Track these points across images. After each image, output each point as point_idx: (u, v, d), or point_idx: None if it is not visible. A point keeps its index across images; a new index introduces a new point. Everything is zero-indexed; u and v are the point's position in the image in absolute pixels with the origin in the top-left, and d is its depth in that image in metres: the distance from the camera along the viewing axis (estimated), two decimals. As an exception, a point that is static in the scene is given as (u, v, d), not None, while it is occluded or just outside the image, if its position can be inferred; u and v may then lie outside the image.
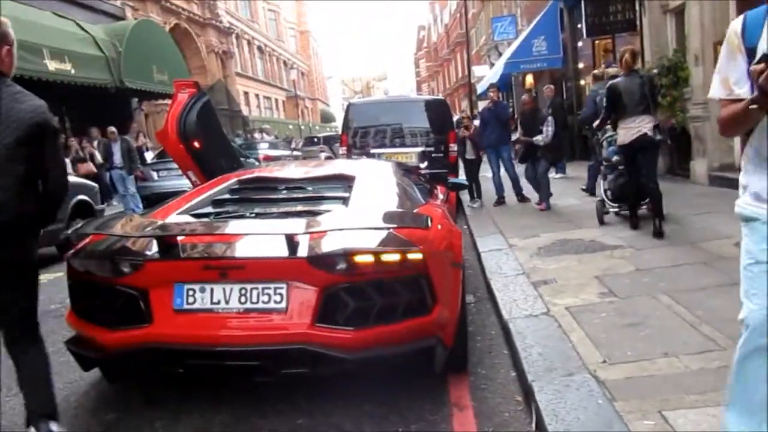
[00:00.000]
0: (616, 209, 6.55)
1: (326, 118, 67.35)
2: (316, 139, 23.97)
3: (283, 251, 2.65)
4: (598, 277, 4.54)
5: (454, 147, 9.63)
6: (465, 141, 9.64)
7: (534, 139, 8.30)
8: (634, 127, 5.74)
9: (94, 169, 12.23)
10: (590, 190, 8.62)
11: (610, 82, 6.24)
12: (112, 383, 3.16)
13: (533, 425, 2.71)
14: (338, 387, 3.17)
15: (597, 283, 4.39)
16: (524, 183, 8.91)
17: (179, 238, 2.82)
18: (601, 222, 6.53)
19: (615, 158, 6.52)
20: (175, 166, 13.15)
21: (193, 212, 3.47)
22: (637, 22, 10.42)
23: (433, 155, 9.26)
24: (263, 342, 2.68)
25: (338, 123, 72.34)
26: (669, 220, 6.18)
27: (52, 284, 6.35)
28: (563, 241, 5.96)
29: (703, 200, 7.26)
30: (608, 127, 6.57)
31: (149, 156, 14.57)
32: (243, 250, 2.78)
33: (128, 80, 14.38)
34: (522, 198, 9.00)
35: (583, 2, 11.26)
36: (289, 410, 3.00)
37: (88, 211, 8.08)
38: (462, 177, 9.17)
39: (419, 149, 9.44)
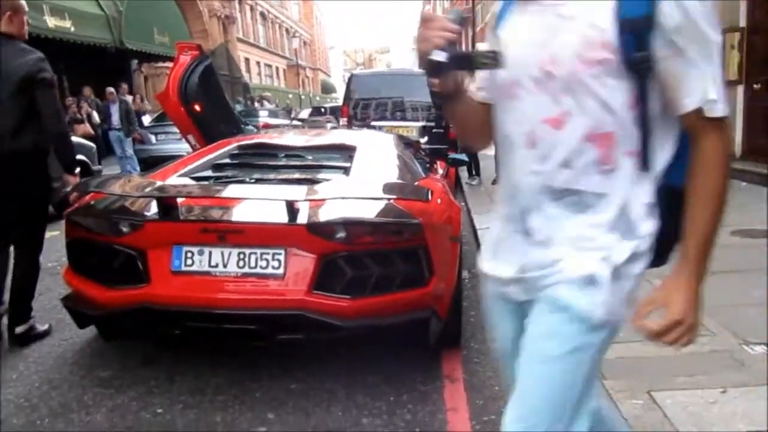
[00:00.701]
0: None
1: (327, 89, 66.89)
2: (323, 110, 23.84)
3: (282, 217, 2.65)
4: (593, 258, 4.55)
5: (455, 123, 9.58)
6: None
7: None
8: None
9: (92, 131, 12.13)
10: None
11: None
12: (108, 341, 3.19)
13: (523, 399, 2.75)
14: (332, 356, 3.21)
15: (592, 264, 4.40)
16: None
17: (179, 200, 2.82)
18: None
19: None
20: (174, 129, 13.06)
21: (192, 175, 3.46)
22: None
23: (433, 130, 9.22)
24: (260, 306, 2.70)
25: (339, 94, 71.99)
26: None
27: (49, 242, 6.33)
28: (560, 221, 5.96)
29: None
30: None
31: (146, 119, 14.44)
32: (242, 214, 2.78)
33: (128, 41, 14.21)
34: None
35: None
36: (282, 375, 3.04)
37: (86, 171, 8.03)
38: (462, 153, 9.13)
39: (420, 123, 9.40)
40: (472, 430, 2.56)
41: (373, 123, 9.25)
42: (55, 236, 6.68)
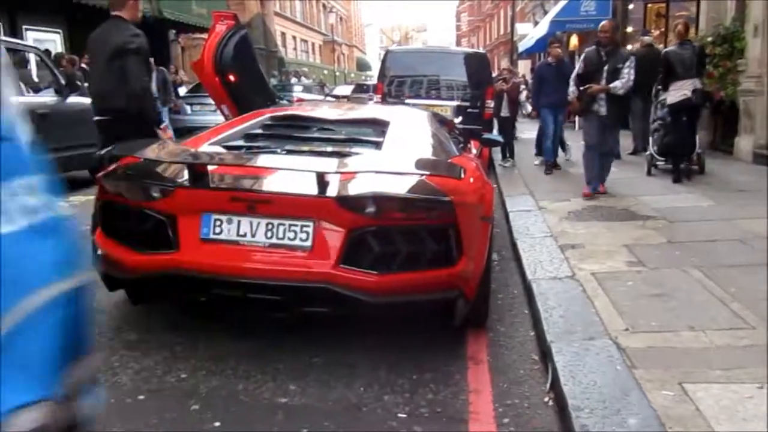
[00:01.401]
0: (662, 162, 7.45)
1: (362, 66, 66.41)
2: (365, 87, 23.67)
3: (312, 189, 2.62)
4: (627, 245, 4.45)
5: (490, 103, 9.41)
6: (502, 96, 9.32)
7: (612, 85, 5.93)
8: (681, 91, 6.72)
9: None
10: (639, 149, 8.85)
11: (664, 50, 7.12)
12: (135, 305, 3.21)
13: (548, 385, 2.70)
14: (354, 331, 3.19)
15: (626, 252, 4.30)
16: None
17: (210, 167, 2.80)
18: (649, 173, 7.48)
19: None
20: (209, 101, 13.15)
21: (224, 144, 3.45)
22: (696, -13, 9.91)
23: (468, 110, 9.07)
24: (287, 278, 2.68)
25: (374, 72, 71.38)
26: (707, 194, 6.08)
27: (85, 206, 6.46)
28: (594, 207, 5.83)
29: (745, 178, 7.02)
30: (660, 89, 7.48)
31: (182, 90, 14.52)
32: (272, 185, 2.75)
33: (167, 11, 14.25)
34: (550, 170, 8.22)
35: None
36: (304, 348, 3.03)
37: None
38: (496, 134, 8.95)
39: (455, 103, 9.25)
40: (494, 413, 2.52)
41: (408, 101, 9.14)
42: (90, 200, 6.81)
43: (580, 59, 6.55)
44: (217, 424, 2.40)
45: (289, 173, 2.77)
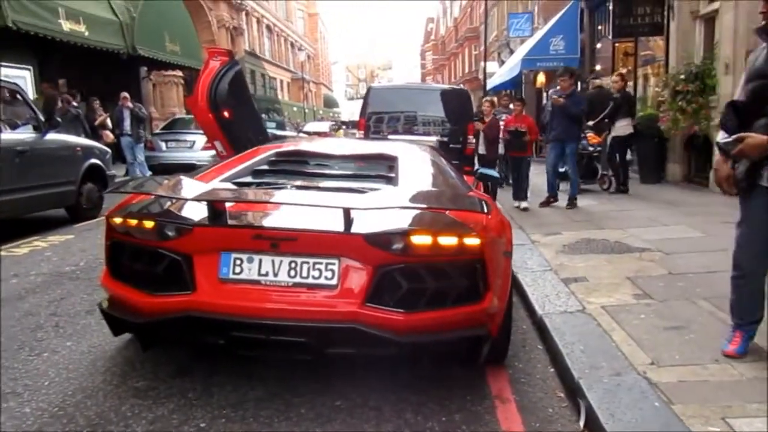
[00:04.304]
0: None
1: (329, 103, 67.04)
2: (347, 123, 23.90)
3: (338, 226, 2.55)
4: (630, 278, 4.46)
5: (471, 139, 9.51)
6: (479, 134, 9.11)
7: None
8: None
9: (113, 138, 11.89)
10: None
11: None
12: (145, 350, 3.04)
13: (581, 423, 2.63)
14: (369, 372, 3.08)
15: (630, 284, 4.31)
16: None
17: (229, 204, 2.71)
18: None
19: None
20: (184, 137, 13.04)
21: (233, 181, 3.36)
22: (665, 26, 10.31)
23: (450, 146, 9.14)
24: (312, 318, 2.58)
25: (341, 109, 71.89)
26: (694, 226, 6.19)
27: (64, 246, 6.24)
28: (587, 240, 5.88)
29: (726, 209, 7.18)
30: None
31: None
32: (297, 221, 2.66)
33: (140, 47, 14.13)
34: (573, 204, 8.07)
35: (611, 3, 11.11)
36: (324, 390, 2.91)
37: (100, 175, 7.93)
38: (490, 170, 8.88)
39: (435, 138, 9.30)
40: (533, 454, 2.44)
41: (390, 136, 9.17)
42: (69, 240, 6.59)
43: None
44: (247, 476, 2.26)
45: (311, 210, 2.69)
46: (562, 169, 8.54)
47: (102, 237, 3.03)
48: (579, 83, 15.79)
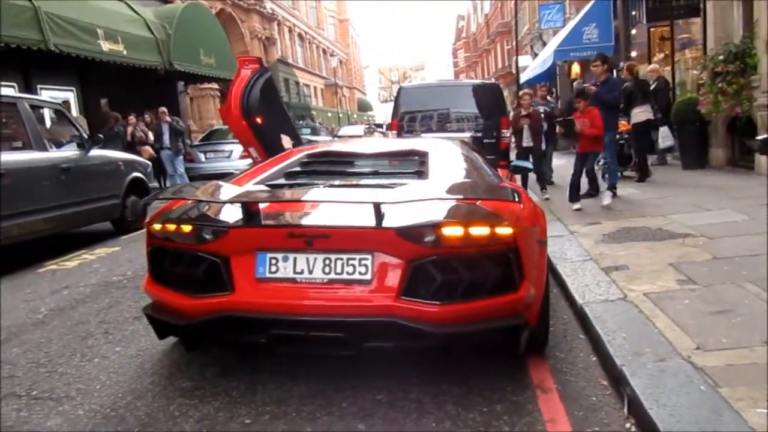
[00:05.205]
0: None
1: (363, 107, 67.39)
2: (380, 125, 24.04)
3: (370, 221, 2.57)
4: (672, 264, 4.36)
5: (505, 132, 9.43)
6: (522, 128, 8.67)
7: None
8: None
9: (154, 153, 12.21)
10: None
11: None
12: (189, 351, 3.13)
13: (625, 410, 2.59)
14: (409, 365, 3.09)
15: (673, 271, 4.21)
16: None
17: (263, 205, 2.77)
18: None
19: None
20: (221, 147, 13.31)
21: (267, 183, 3.43)
22: (701, 7, 10.02)
23: (484, 141, 9.09)
24: (348, 313, 2.62)
25: (375, 112, 72.12)
26: (736, 209, 6.04)
27: (111, 258, 6.45)
28: (628, 228, 5.77)
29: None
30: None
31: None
32: (329, 219, 2.71)
33: (177, 62, 14.47)
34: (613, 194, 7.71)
35: (643, -14, 10.87)
36: (365, 385, 2.94)
37: (143, 188, 8.17)
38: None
39: (469, 134, 9.26)
40: (577, 442, 2.41)
41: (423, 134, 9.17)
42: (116, 251, 6.80)
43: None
44: (292, 469, 2.30)
45: (343, 206, 2.73)
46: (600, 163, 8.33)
47: None
48: (614, 71, 15.54)
